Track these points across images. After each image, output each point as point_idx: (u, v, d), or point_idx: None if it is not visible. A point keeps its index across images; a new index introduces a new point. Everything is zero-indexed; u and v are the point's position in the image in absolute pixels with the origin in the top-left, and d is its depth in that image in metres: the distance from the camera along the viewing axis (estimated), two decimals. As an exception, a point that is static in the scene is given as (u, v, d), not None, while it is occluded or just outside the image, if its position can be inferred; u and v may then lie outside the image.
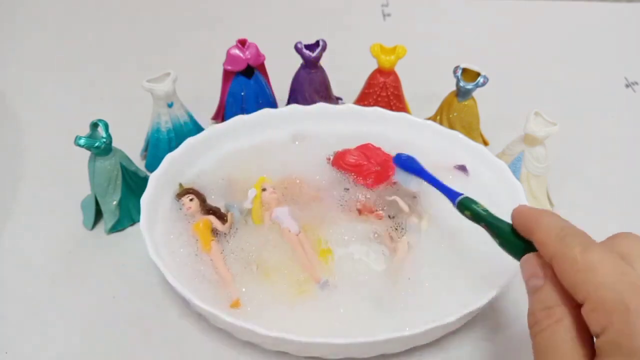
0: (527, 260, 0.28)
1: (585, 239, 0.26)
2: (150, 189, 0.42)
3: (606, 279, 0.24)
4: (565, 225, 0.28)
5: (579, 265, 0.25)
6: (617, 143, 0.57)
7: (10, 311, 0.40)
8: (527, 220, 0.29)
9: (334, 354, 0.36)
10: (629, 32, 0.76)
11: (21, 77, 0.65)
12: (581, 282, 0.24)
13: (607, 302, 0.23)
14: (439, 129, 0.49)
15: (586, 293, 0.24)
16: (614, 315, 0.23)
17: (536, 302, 0.26)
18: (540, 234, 0.28)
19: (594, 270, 0.24)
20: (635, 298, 0.22)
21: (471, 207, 0.34)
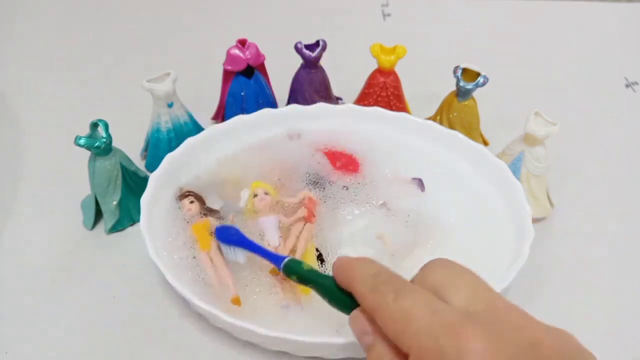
0: (354, 317, 0.28)
1: (398, 285, 0.26)
2: (150, 189, 0.42)
3: (420, 325, 0.24)
4: (379, 272, 0.27)
5: (393, 315, 0.25)
6: (617, 143, 0.57)
7: (10, 311, 0.40)
8: (345, 272, 0.29)
9: (334, 354, 0.36)
10: (629, 32, 0.76)
11: (21, 77, 0.65)
12: (400, 333, 0.24)
13: (426, 351, 0.23)
14: (439, 129, 0.49)
15: (407, 344, 0.24)
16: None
17: (373, 359, 0.26)
18: (357, 286, 0.27)
19: (408, 319, 0.24)
20: (450, 341, 0.23)
21: (297, 270, 0.33)
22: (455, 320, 0.23)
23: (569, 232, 0.47)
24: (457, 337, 0.23)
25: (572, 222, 0.48)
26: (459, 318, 0.24)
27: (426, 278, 0.27)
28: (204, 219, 0.42)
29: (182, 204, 0.43)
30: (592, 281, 0.44)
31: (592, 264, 0.45)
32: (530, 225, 0.40)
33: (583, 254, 0.45)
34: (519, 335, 0.23)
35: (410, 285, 0.26)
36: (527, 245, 0.39)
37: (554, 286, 0.43)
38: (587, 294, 0.42)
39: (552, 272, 0.44)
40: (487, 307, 0.25)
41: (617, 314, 0.41)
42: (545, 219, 0.47)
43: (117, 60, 0.67)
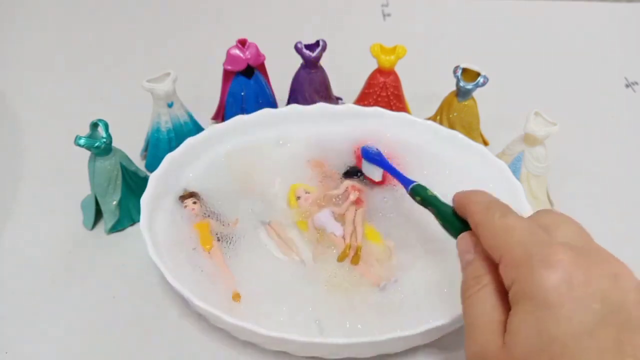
0: (462, 238, 0.31)
1: (505, 209, 0.29)
2: (150, 189, 0.42)
3: (517, 238, 0.26)
4: (492, 199, 0.31)
5: (496, 228, 0.28)
6: (617, 143, 0.57)
7: (10, 311, 0.41)
8: (463, 199, 0.32)
9: (334, 354, 0.36)
10: (629, 32, 0.76)
11: (21, 77, 0.65)
12: (497, 243, 0.27)
13: (516, 257, 0.26)
14: (439, 129, 0.49)
15: (501, 252, 0.27)
16: (521, 268, 0.25)
17: (468, 273, 0.29)
18: (470, 207, 0.31)
19: (508, 232, 0.27)
20: (539, 251, 0.25)
21: (421, 193, 0.37)
22: (549, 239, 0.26)
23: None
24: (546, 248, 0.25)
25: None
26: (555, 241, 0.26)
27: (536, 218, 0.29)
28: (206, 220, 0.42)
29: (186, 203, 0.43)
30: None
31: (592, 264, 0.45)
32: (530, 225, 0.40)
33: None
34: (606, 265, 0.25)
35: (518, 214, 0.29)
36: (527, 245, 0.39)
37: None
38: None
39: (552, 272, 0.44)
40: (583, 244, 0.27)
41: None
42: (545, 219, 0.47)
43: (117, 60, 0.67)
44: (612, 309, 0.23)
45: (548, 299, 0.23)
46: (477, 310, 0.27)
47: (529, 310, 0.24)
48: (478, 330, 0.26)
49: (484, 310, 0.27)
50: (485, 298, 0.27)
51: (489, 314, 0.26)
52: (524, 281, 0.25)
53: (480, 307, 0.27)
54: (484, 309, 0.27)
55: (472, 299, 0.28)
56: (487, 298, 0.27)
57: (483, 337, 0.26)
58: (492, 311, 0.26)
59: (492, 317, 0.26)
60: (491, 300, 0.27)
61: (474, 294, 0.28)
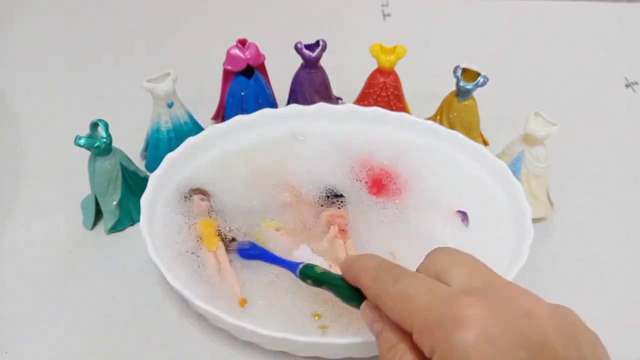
0: (364, 308, 0.29)
1: (396, 271, 0.28)
2: (150, 189, 0.42)
3: (419, 302, 0.25)
4: (380, 264, 0.29)
5: (393, 298, 0.26)
6: (617, 143, 0.57)
7: (10, 311, 0.41)
8: (350, 268, 0.30)
9: (334, 354, 0.36)
10: (629, 32, 0.76)
11: (21, 77, 0.65)
12: (401, 313, 0.26)
13: (427, 324, 0.24)
14: (439, 129, 0.49)
15: (409, 322, 0.25)
16: (435, 335, 0.24)
17: (382, 344, 0.27)
18: (361, 279, 0.29)
19: (406, 298, 0.25)
20: (446, 310, 0.23)
21: (311, 275, 0.34)
22: (452, 294, 0.25)
23: (569, 232, 0.47)
24: (453, 306, 0.23)
25: (572, 222, 0.48)
26: (456, 292, 0.25)
27: (429, 265, 0.28)
28: (211, 219, 0.42)
29: (192, 200, 0.43)
30: (592, 281, 0.44)
31: (592, 263, 0.45)
32: (530, 225, 0.40)
33: (583, 254, 0.45)
34: (515, 304, 0.24)
35: (409, 271, 0.28)
36: (527, 245, 0.39)
37: (554, 286, 0.43)
38: (587, 294, 0.42)
39: (552, 272, 0.44)
40: (484, 283, 0.26)
41: (617, 313, 0.41)
42: (545, 219, 0.48)
43: (117, 60, 0.67)
44: (536, 351, 0.22)
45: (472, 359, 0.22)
46: None
47: None
48: None
49: None
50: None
51: None
52: (443, 347, 0.23)
53: None
54: None
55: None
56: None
57: None
58: None
59: None
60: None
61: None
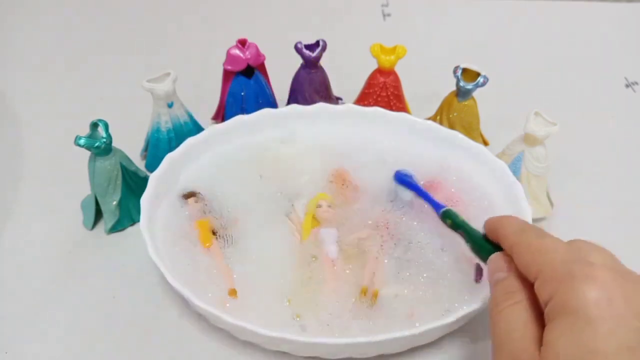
0: (493, 258, 0.31)
1: (541, 231, 0.30)
2: (150, 189, 0.42)
3: (556, 255, 0.27)
4: (526, 223, 0.32)
5: (533, 248, 0.28)
6: (617, 143, 0.57)
7: (10, 311, 0.41)
8: (496, 223, 0.33)
9: (334, 354, 0.36)
10: (629, 32, 0.76)
11: (21, 77, 0.65)
12: (534, 262, 0.27)
13: (557, 273, 0.26)
14: (439, 129, 0.48)
15: (538, 270, 0.27)
16: (561, 283, 0.25)
17: (499, 289, 0.29)
18: (503, 230, 0.31)
19: (545, 251, 0.27)
20: (580, 268, 0.25)
21: (452, 217, 0.38)
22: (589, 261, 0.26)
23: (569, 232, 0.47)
24: (587, 267, 0.25)
25: (572, 222, 0.48)
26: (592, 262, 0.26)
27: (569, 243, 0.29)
28: (206, 218, 0.43)
29: (187, 202, 0.43)
30: (592, 281, 0.44)
31: (592, 264, 0.45)
32: (530, 225, 0.40)
33: (583, 254, 0.45)
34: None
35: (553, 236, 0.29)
36: (527, 245, 0.39)
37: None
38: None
39: (552, 272, 0.44)
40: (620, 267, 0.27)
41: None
42: (545, 219, 0.48)
43: (117, 60, 0.67)
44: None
45: (589, 313, 0.23)
46: (510, 324, 0.27)
47: (569, 324, 0.24)
48: (511, 345, 0.26)
49: (517, 325, 0.26)
50: (519, 313, 0.27)
51: (522, 329, 0.26)
52: (564, 295, 0.25)
53: (513, 322, 0.27)
54: (517, 324, 0.26)
55: (504, 313, 0.27)
56: (521, 313, 0.27)
57: (517, 351, 0.25)
58: (526, 326, 0.26)
59: (525, 331, 0.26)
60: (525, 316, 0.27)
61: (506, 308, 0.27)
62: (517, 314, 0.27)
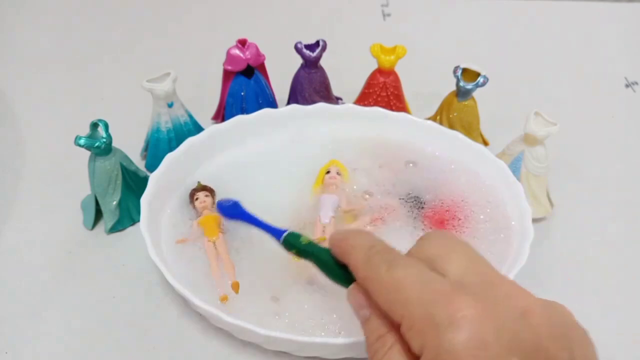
0: (351, 291, 0.28)
1: (391, 256, 0.26)
2: (150, 189, 0.42)
3: (411, 294, 0.24)
4: (374, 244, 0.27)
5: (386, 285, 0.25)
6: (617, 143, 0.57)
7: (10, 311, 0.41)
8: (340, 244, 0.29)
9: (334, 354, 0.36)
10: (629, 32, 0.76)
11: (21, 77, 0.65)
12: (392, 303, 0.24)
13: (417, 320, 0.23)
14: (439, 129, 0.49)
15: (399, 313, 0.24)
16: (425, 334, 0.23)
17: (369, 332, 0.26)
18: (352, 258, 0.27)
19: (399, 288, 0.24)
20: (440, 309, 0.22)
21: (295, 244, 0.32)
22: (447, 290, 0.23)
23: (569, 232, 0.47)
24: (448, 305, 0.22)
25: (572, 222, 0.48)
26: (451, 288, 0.23)
27: (422, 249, 0.27)
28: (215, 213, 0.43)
29: (197, 196, 0.43)
30: (592, 281, 0.44)
31: (592, 264, 0.45)
32: (530, 225, 0.40)
33: (583, 254, 0.45)
34: (511, 303, 0.23)
35: (404, 257, 0.26)
36: (527, 245, 0.39)
37: (554, 286, 0.43)
38: (587, 294, 0.42)
39: (552, 272, 0.44)
40: (480, 279, 0.25)
41: (617, 313, 0.41)
42: (545, 219, 0.48)
43: (117, 60, 0.67)
44: (529, 355, 0.22)
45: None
46: None
47: None
48: None
49: None
50: None
51: None
52: (434, 349, 0.22)
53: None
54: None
55: None
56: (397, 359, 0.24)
57: None
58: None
59: None
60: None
61: (382, 357, 0.25)
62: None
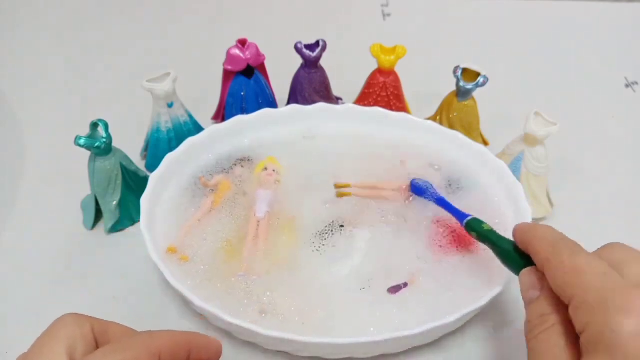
0: (525, 274, 0.30)
1: (575, 247, 0.28)
2: (150, 189, 0.42)
3: (590, 279, 0.25)
4: (559, 235, 0.30)
5: (566, 268, 0.26)
6: (617, 143, 0.57)
7: (10, 311, 0.41)
8: (525, 233, 0.31)
9: (334, 354, 0.36)
10: (629, 32, 0.76)
11: (21, 77, 0.65)
12: (568, 284, 0.26)
13: (589, 301, 0.24)
14: (439, 129, 0.49)
15: (571, 293, 0.25)
16: (594, 313, 0.24)
17: (533, 311, 0.28)
18: (535, 243, 0.30)
19: (579, 272, 0.26)
20: (615, 296, 0.24)
21: (476, 228, 0.36)
22: (625, 284, 0.25)
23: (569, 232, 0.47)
24: (623, 295, 0.24)
25: (572, 222, 0.48)
26: (630, 284, 0.25)
27: (605, 252, 0.28)
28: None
29: (233, 168, 0.46)
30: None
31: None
32: (530, 225, 0.40)
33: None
34: None
35: (588, 252, 0.28)
36: (527, 245, 0.39)
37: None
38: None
39: (552, 272, 0.44)
40: None
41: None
42: (545, 219, 0.48)
43: (117, 60, 0.67)
44: None
45: (626, 348, 0.22)
46: (545, 352, 0.26)
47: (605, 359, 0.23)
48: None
49: (552, 353, 0.26)
50: (554, 339, 0.26)
51: (557, 357, 0.25)
52: (598, 327, 0.23)
53: (548, 349, 0.26)
54: (553, 352, 0.25)
55: (539, 339, 0.27)
56: (556, 340, 0.26)
57: None
58: (561, 354, 0.25)
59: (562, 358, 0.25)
60: (560, 342, 0.26)
61: (540, 333, 0.27)
62: (552, 340, 0.26)
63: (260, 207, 0.43)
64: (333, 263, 0.40)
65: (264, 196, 0.44)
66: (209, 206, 0.44)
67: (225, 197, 0.44)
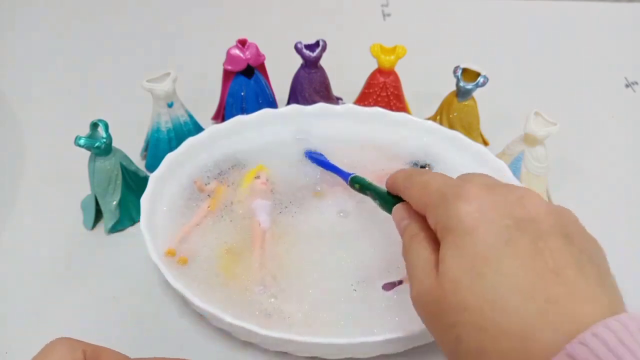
0: (396, 209, 0.34)
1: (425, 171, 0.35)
2: (150, 189, 0.42)
3: (434, 186, 0.30)
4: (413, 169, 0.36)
5: (417, 186, 0.32)
6: (617, 143, 0.57)
7: (10, 311, 0.41)
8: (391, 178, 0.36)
9: (334, 354, 0.36)
10: (629, 32, 0.76)
11: (21, 77, 0.65)
12: (421, 197, 0.31)
13: (435, 201, 0.29)
14: (439, 129, 0.49)
15: (424, 202, 0.30)
16: (439, 208, 0.28)
17: (406, 235, 0.32)
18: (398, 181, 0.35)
19: (426, 185, 0.31)
20: (451, 190, 0.28)
21: (359, 181, 0.41)
22: (458, 182, 0.30)
23: (569, 232, 0.47)
24: (457, 187, 0.28)
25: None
26: (462, 181, 0.29)
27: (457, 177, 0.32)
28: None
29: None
30: (592, 281, 0.44)
31: (592, 264, 0.45)
32: (530, 225, 0.40)
33: (583, 254, 0.45)
34: (510, 190, 0.28)
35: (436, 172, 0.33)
36: (527, 245, 0.39)
37: (554, 286, 0.43)
38: (587, 294, 0.42)
39: (552, 272, 0.44)
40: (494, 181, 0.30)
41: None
42: (545, 219, 0.47)
43: (117, 60, 0.67)
44: (523, 223, 0.26)
45: (464, 225, 0.26)
46: (414, 258, 0.29)
47: (452, 240, 0.27)
48: (416, 273, 0.29)
49: (419, 256, 0.29)
50: (422, 247, 0.29)
51: (423, 258, 0.29)
52: (443, 217, 0.28)
53: (416, 255, 0.29)
54: (420, 255, 0.29)
55: (409, 251, 0.30)
56: (423, 246, 0.29)
57: (420, 277, 0.28)
58: (427, 254, 0.29)
59: (426, 259, 0.29)
60: (427, 247, 0.29)
61: (411, 246, 0.30)
62: (420, 248, 0.29)
63: (263, 217, 0.43)
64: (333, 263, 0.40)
65: (263, 206, 0.43)
66: (205, 210, 0.43)
67: (221, 202, 0.44)
